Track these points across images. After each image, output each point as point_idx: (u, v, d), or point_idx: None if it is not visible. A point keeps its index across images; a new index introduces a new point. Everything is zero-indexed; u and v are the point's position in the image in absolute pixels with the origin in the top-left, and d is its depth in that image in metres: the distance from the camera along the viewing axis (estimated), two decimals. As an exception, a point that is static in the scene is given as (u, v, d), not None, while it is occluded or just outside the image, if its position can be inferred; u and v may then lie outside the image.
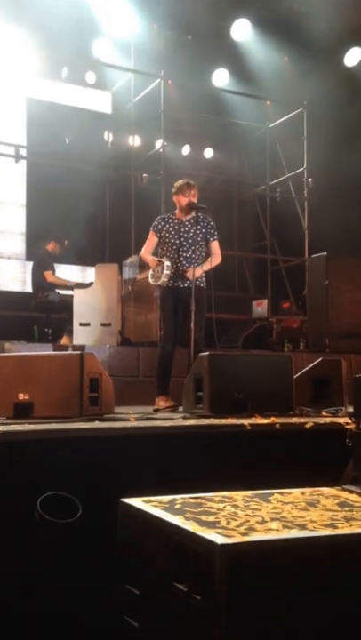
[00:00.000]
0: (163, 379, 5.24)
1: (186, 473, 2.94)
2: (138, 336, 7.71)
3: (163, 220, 5.37)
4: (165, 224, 5.33)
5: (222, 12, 9.04)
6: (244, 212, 12.14)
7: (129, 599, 2.21)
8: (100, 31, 9.14)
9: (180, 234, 5.25)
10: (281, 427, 3.45)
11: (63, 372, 3.84)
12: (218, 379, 4.02)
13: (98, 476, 2.90)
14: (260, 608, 1.78)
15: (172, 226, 5.30)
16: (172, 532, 2.01)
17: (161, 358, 5.32)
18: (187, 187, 5.29)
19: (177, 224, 5.29)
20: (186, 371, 5.06)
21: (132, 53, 9.48)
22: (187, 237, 5.24)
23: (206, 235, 5.27)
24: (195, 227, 5.24)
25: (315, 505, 2.30)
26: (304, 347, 8.41)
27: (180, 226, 5.27)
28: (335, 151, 9.50)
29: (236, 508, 2.22)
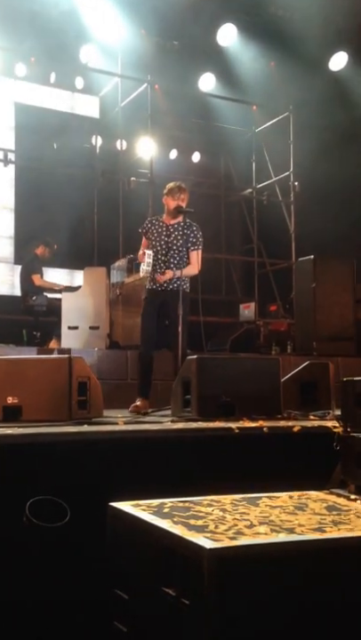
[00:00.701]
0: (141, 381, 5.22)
1: (174, 477, 2.93)
2: (126, 339, 7.68)
3: (150, 223, 5.35)
4: (152, 226, 5.30)
5: (208, 17, 9.05)
6: (231, 216, 12.17)
7: (118, 604, 2.19)
8: (87, 36, 9.13)
9: (162, 237, 5.20)
10: (269, 430, 3.45)
11: (52, 375, 3.83)
12: (206, 382, 4.02)
13: (86, 479, 2.89)
14: (248, 612, 1.77)
15: (157, 229, 5.27)
16: (161, 536, 2.00)
17: (138, 361, 5.31)
18: (177, 190, 5.25)
19: (161, 227, 5.25)
20: (171, 374, 5.07)
21: (119, 58, 9.48)
22: (167, 241, 5.19)
23: (187, 242, 5.19)
24: (176, 232, 5.20)
25: (303, 509, 2.30)
26: (291, 350, 8.43)
27: (164, 229, 5.23)
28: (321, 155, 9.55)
29: (225, 512, 2.21)
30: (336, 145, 9.47)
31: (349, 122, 9.47)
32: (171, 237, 5.20)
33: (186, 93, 10.12)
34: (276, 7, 9.08)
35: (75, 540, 2.69)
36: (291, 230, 10.25)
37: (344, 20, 8.98)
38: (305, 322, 8.12)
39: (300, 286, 8.38)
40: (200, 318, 5.40)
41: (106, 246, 9.74)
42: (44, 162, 9.46)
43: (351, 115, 9.54)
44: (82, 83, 9.99)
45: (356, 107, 9.66)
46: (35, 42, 8.67)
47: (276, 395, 4.11)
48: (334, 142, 9.47)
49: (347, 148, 9.43)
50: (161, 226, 5.26)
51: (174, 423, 3.79)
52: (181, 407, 4.14)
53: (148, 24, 8.97)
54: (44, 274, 8.13)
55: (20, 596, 2.67)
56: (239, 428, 3.42)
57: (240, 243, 12.03)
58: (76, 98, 10.31)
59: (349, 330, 8.01)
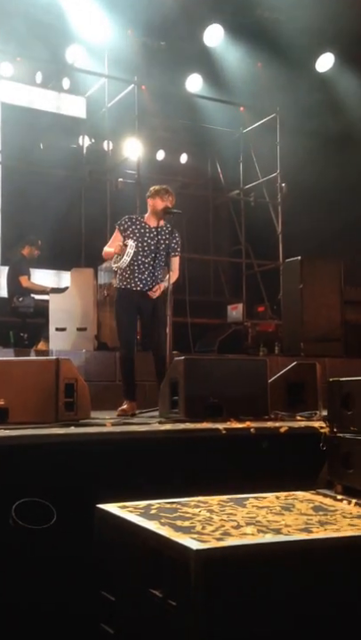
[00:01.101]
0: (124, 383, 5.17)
1: (161, 478, 2.93)
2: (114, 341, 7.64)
3: (130, 220, 5.19)
4: (132, 225, 5.16)
5: (195, 18, 9.08)
6: (219, 217, 12.19)
7: (104, 605, 2.19)
8: (74, 37, 9.13)
9: (145, 238, 5.12)
10: (256, 431, 3.46)
11: (39, 377, 3.82)
12: (193, 383, 4.02)
13: (73, 481, 2.88)
14: (235, 613, 1.78)
15: (138, 229, 5.14)
16: (148, 537, 2.00)
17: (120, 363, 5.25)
18: (165, 192, 5.19)
19: (144, 228, 5.15)
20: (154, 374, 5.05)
21: (105, 59, 9.48)
22: (149, 244, 5.11)
23: (168, 247, 5.13)
24: (160, 236, 5.14)
25: (290, 509, 2.31)
26: (279, 350, 8.45)
27: (146, 231, 5.14)
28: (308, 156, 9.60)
29: (212, 513, 2.21)
30: (323, 146, 9.52)
31: (336, 123, 9.52)
32: (154, 241, 5.14)
33: (173, 94, 10.14)
34: (263, 8, 9.11)
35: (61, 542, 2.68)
36: (278, 231, 10.28)
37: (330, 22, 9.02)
38: (292, 323, 8.15)
39: (288, 287, 8.41)
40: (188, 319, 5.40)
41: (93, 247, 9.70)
42: (30, 162, 9.42)
43: (338, 116, 9.59)
44: (68, 83, 9.98)
45: (342, 108, 9.72)
46: (21, 41, 8.65)
47: (263, 395, 4.13)
48: (321, 143, 9.53)
49: (334, 149, 9.48)
50: (144, 227, 5.16)
51: (162, 424, 3.79)
52: (169, 408, 4.14)
53: (134, 24, 8.98)
54: (32, 275, 8.10)
55: (6, 598, 2.66)
56: (226, 428, 3.43)
57: (228, 244, 12.05)
58: (62, 98, 10.28)
59: (336, 331, 8.06)
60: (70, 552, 2.69)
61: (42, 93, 10.03)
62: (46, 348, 7.11)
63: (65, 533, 2.68)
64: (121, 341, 5.19)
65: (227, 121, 10.78)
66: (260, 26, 9.21)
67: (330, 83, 9.95)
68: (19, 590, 2.68)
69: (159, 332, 5.03)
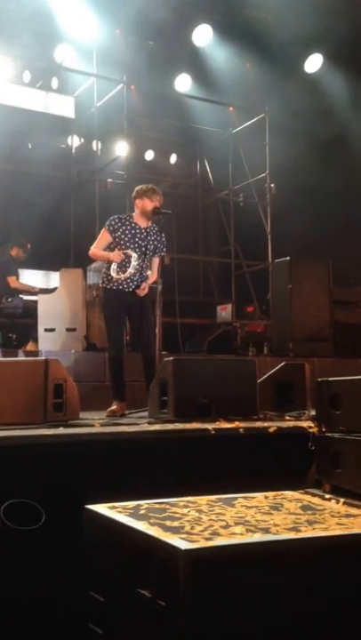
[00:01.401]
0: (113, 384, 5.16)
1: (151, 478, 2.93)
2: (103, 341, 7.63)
3: (120, 221, 5.15)
4: (122, 225, 5.13)
5: (184, 17, 9.08)
6: (208, 218, 12.20)
7: (93, 606, 2.19)
8: (62, 36, 9.10)
9: (135, 240, 5.11)
10: (245, 431, 3.47)
11: (27, 378, 3.81)
12: (183, 383, 4.03)
13: (62, 482, 2.88)
14: (224, 612, 1.79)
15: (129, 230, 5.13)
16: (137, 537, 2.00)
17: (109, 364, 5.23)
18: (152, 191, 5.18)
19: (135, 228, 5.14)
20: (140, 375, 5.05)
21: (94, 58, 9.46)
22: (140, 245, 5.12)
23: (155, 249, 5.17)
24: (150, 236, 5.15)
25: (278, 509, 2.32)
26: (268, 351, 8.47)
27: (137, 232, 5.14)
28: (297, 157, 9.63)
29: (201, 513, 2.22)
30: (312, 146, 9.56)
31: (325, 123, 9.56)
32: (145, 242, 5.15)
33: (162, 94, 10.13)
34: (251, 8, 9.14)
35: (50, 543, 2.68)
36: (267, 232, 10.31)
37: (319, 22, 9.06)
38: (281, 323, 8.18)
39: (277, 288, 8.44)
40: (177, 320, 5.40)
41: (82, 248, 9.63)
42: (18, 162, 9.39)
43: (326, 116, 9.63)
44: (57, 82, 9.95)
45: (331, 108, 9.76)
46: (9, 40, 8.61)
47: (252, 396, 4.14)
48: (310, 144, 9.57)
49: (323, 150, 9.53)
50: (135, 227, 5.15)
51: (151, 425, 3.80)
52: (158, 409, 4.15)
53: (123, 24, 8.97)
54: (20, 275, 8.08)
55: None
56: (215, 429, 3.44)
57: (217, 244, 12.06)
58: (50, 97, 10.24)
59: (325, 331, 8.09)
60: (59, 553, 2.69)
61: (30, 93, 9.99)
62: (35, 349, 7.09)
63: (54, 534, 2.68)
64: (110, 342, 5.18)
65: (216, 121, 10.79)
66: (248, 26, 9.23)
67: (319, 83, 9.99)
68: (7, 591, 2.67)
69: (148, 332, 5.03)
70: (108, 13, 8.71)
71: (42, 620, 2.68)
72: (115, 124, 9.58)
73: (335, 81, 9.87)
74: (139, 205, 5.19)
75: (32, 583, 2.70)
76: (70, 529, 2.39)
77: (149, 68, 9.35)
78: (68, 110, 10.42)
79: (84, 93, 10.07)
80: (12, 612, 2.65)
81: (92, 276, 8.33)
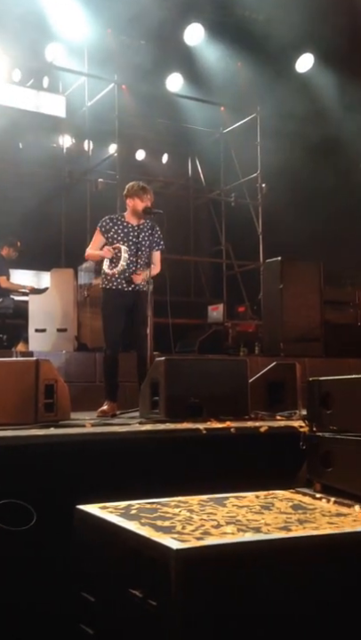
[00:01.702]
0: (106, 383, 5.18)
1: (142, 479, 2.94)
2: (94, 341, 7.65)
3: (111, 221, 5.19)
4: (114, 225, 5.17)
5: (176, 16, 9.08)
6: (199, 218, 12.22)
7: (84, 606, 2.19)
8: (53, 35, 9.09)
9: (128, 238, 5.14)
10: (236, 431, 3.48)
11: (18, 378, 3.81)
12: (174, 383, 4.03)
13: (53, 482, 2.88)
14: (215, 612, 1.79)
15: (122, 229, 5.16)
16: (128, 537, 2.00)
17: (103, 364, 5.24)
18: (142, 191, 5.19)
19: (127, 227, 5.17)
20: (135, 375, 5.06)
21: (85, 57, 9.46)
22: (135, 242, 5.15)
23: (152, 243, 5.18)
24: (143, 233, 5.17)
25: (269, 508, 2.33)
26: (259, 351, 8.50)
27: (130, 230, 5.17)
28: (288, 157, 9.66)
29: (192, 513, 2.23)
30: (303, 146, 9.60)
31: (316, 123, 9.59)
32: (139, 238, 5.17)
33: (154, 94, 10.14)
34: (243, 8, 9.16)
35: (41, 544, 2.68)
36: (258, 232, 10.33)
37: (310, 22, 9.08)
38: (272, 323, 8.20)
39: (268, 288, 8.46)
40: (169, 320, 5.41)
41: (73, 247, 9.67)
42: (8, 162, 9.37)
43: (317, 116, 9.67)
44: (47, 81, 9.94)
45: (322, 108, 9.79)
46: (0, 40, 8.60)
47: (243, 395, 4.15)
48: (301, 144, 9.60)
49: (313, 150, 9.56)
50: (126, 226, 5.18)
51: (142, 425, 3.80)
52: (149, 409, 4.15)
53: (114, 23, 8.97)
54: (11, 275, 8.06)
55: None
56: (207, 428, 3.45)
57: (208, 244, 12.09)
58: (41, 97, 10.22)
59: (316, 331, 8.12)
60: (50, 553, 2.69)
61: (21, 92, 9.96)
62: (26, 350, 7.08)
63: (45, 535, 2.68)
64: (107, 341, 5.20)
65: (207, 121, 10.82)
66: (240, 26, 9.26)
67: (310, 84, 10.03)
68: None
69: (142, 332, 5.04)
70: (100, 12, 8.72)
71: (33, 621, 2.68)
72: (106, 124, 9.58)
73: (326, 81, 9.91)
74: (130, 204, 5.21)
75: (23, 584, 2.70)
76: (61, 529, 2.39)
77: (141, 68, 9.35)
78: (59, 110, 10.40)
79: (76, 93, 10.07)
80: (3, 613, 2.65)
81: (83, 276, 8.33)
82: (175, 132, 11.18)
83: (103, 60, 9.36)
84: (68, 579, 2.32)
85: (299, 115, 9.63)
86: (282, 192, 9.88)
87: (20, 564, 2.70)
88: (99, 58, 9.35)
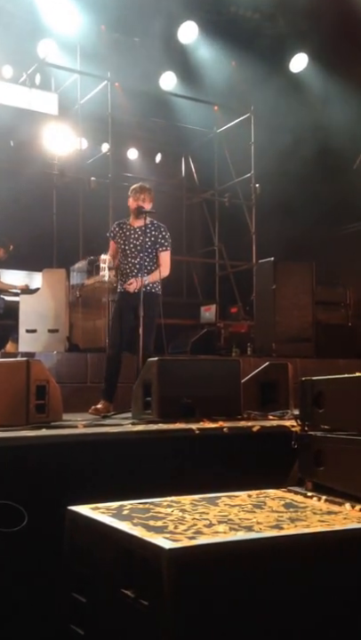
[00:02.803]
0: (105, 382, 5.23)
1: (134, 479, 2.95)
2: (86, 342, 7.67)
3: (117, 226, 5.38)
4: (120, 230, 5.34)
5: (170, 14, 9.08)
6: (192, 218, 12.23)
7: (75, 607, 2.20)
8: (45, 31, 9.07)
9: (130, 240, 5.22)
10: (229, 430, 3.51)
11: (9, 379, 3.81)
12: (167, 384, 4.06)
13: (45, 483, 2.89)
14: (207, 611, 1.81)
15: (124, 232, 5.30)
16: (120, 538, 2.02)
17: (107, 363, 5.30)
18: (138, 190, 5.27)
19: (129, 230, 5.29)
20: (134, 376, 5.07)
21: (78, 54, 9.45)
22: (135, 244, 5.21)
23: (155, 243, 5.25)
24: (144, 234, 5.22)
25: (261, 507, 2.35)
26: (251, 351, 8.52)
27: (130, 232, 5.26)
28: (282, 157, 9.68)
29: (184, 513, 2.24)
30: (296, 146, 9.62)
31: (309, 123, 9.63)
32: (138, 241, 5.22)
33: (147, 92, 10.13)
34: (238, 6, 9.18)
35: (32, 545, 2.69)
36: (252, 232, 10.35)
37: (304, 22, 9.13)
38: (265, 323, 8.23)
39: (261, 288, 8.49)
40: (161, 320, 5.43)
41: (65, 247, 9.69)
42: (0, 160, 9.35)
43: (311, 116, 9.70)
44: (39, 78, 9.92)
45: (315, 108, 9.83)
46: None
47: (236, 396, 4.18)
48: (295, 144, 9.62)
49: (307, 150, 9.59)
50: (128, 229, 5.29)
51: (135, 425, 3.82)
52: (142, 409, 4.17)
53: (107, 20, 8.96)
54: (1, 275, 8.05)
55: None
56: (200, 428, 3.47)
57: (201, 244, 12.10)
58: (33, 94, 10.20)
59: (308, 331, 8.16)
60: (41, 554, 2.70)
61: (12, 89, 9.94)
62: (15, 350, 7.07)
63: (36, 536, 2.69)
64: (110, 341, 5.33)
65: (201, 120, 10.82)
66: (234, 24, 9.27)
67: (303, 83, 10.06)
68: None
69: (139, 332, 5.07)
70: (93, 9, 8.70)
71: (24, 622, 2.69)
72: (99, 122, 9.57)
73: (320, 80, 9.94)
74: (129, 205, 5.33)
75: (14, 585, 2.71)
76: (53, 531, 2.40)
77: (134, 66, 9.35)
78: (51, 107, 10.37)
79: (68, 90, 10.04)
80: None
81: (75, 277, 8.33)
82: (169, 131, 11.18)
83: (96, 57, 9.34)
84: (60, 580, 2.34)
85: (293, 115, 9.66)
86: (275, 193, 9.90)
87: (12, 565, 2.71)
88: (92, 55, 9.33)
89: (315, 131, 9.58)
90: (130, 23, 9.04)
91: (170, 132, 11.20)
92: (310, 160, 9.54)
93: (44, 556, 2.68)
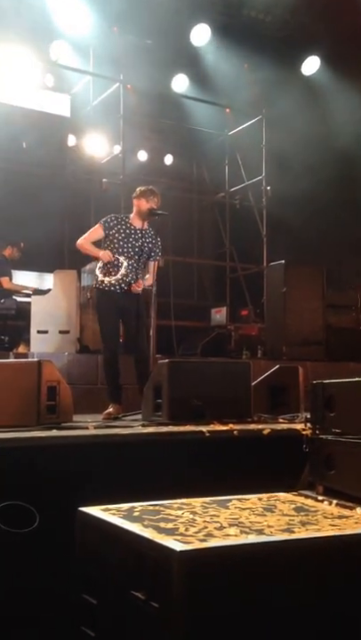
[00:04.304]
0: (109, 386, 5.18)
1: (145, 481, 2.96)
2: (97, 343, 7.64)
3: (116, 219, 5.22)
4: (118, 224, 5.19)
5: (182, 16, 9.09)
6: (203, 220, 12.23)
7: (85, 609, 2.21)
8: (58, 33, 9.11)
9: (131, 240, 5.17)
10: (239, 433, 3.51)
11: (20, 379, 3.82)
12: (177, 386, 4.06)
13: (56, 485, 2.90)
14: (218, 614, 1.81)
15: (124, 229, 5.18)
16: (130, 539, 2.02)
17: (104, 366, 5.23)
18: (150, 193, 5.24)
19: (130, 228, 5.20)
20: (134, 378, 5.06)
21: (90, 56, 9.48)
22: (134, 245, 5.16)
23: (150, 251, 5.21)
24: (145, 238, 5.18)
25: (272, 510, 2.35)
26: (262, 354, 8.52)
27: (132, 232, 5.19)
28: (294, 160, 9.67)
29: (195, 515, 2.25)
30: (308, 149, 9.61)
31: (321, 126, 9.61)
32: (139, 242, 5.18)
33: (159, 94, 10.15)
34: (250, 9, 9.19)
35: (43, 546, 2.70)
36: (263, 235, 10.34)
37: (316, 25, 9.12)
38: (275, 326, 8.23)
39: (271, 291, 8.49)
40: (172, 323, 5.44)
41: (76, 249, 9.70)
42: (12, 162, 9.38)
43: (323, 118, 9.69)
44: (52, 80, 9.95)
45: (327, 111, 9.81)
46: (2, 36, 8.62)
47: (246, 398, 4.18)
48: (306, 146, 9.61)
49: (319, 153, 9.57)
50: (129, 227, 5.20)
51: (145, 427, 3.82)
52: (152, 411, 4.18)
53: (120, 22, 8.99)
54: (13, 276, 8.09)
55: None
56: (210, 431, 3.47)
57: (212, 247, 12.10)
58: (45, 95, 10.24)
59: (319, 334, 8.15)
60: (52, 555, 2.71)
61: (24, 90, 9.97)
62: (26, 351, 7.09)
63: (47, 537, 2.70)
64: (105, 344, 5.19)
65: (212, 122, 10.83)
66: (247, 27, 9.28)
67: (315, 85, 10.05)
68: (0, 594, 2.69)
69: (142, 334, 5.06)
70: (106, 10, 8.73)
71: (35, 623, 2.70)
72: (111, 124, 9.59)
73: (333, 83, 9.93)
74: (136, 205, 5.26)
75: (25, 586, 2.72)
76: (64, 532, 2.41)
77: (146, 68, 9.36)
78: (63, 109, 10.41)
79: (80, 92, 10.09)
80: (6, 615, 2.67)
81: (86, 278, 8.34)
82: (180, 133, 11.19)
83: (109, 59, 9.37)
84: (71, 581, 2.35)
85: (304, 117, 9.65)
86: (286, 195, 9.89)
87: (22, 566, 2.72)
88: (104, 57, 9.36)
89: (327, 133, 9.56)
90: (142, 25, 9.05)
91: (181, 134, 11.21)
92: (322, 163, 9.52)
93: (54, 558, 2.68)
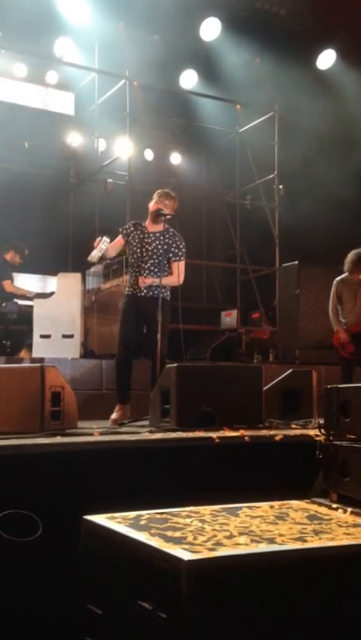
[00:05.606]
0: (117, 387, 5.29)
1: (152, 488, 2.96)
2: (101, 348, 7.70)
3: (133, 226, 5.44)
4: (134, 230, 5.39)
5: (191, 10, 9.09)
6: (213, 220, 12.23)
7: (90, 619, 2.21)
8: (62, 29, 9.14)
9: (143, 244, 5.28)
10: (250, 439, 3.50)
11: (23, 385, 3.84)
12: (185, 391, 4.06)
13: (60, 492, 2.91)
14: (227, 625, 1.81)
15: (138, 234, 5.35)
16: (137, 548, 2.02)
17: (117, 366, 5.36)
18: (161, 195, 5.37)
19: (143, 233, 5.34)
20: (148, 383, 5.10)
21: (95, 53, 9.51)
22: (148, 249, 5.27)
23: (168, 252, 5.30)
24: (158, 241, 5.30)
25: (284, 518, 2.35)
26: (274, 358, 8.51)
27: (145, 236, 5.32)
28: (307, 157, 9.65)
29: (204, 523, 2.25)
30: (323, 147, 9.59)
31: (336, 122, 9.59)
32: (152, 246, 5.28)
33: (166, 91, 10.17)
34: (263, 2, 9.18)
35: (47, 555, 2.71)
36: (275, 235, 10.33)
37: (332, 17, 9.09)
38: (288, 329, 8.22)
39: (284, 293, 8.48)
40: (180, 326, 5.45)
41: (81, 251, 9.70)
42: (14, 162, 9.43)
43: (338, 115, 9.67)
44: (56, 78, 10.00)
45: (343, 106, 9.79)
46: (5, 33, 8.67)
47: (258, 403, 4.18)
48: (320, 144, 9.59)
49: (333, 150, 9.56)
50: (143, 232, 5.35)
51: (152, 434, 3.82)
52: (160, 417, 4.18)
53: (126, 16, 9.01)
54: (15, 279, 8.11)
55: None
56: (220, 437, 3.47)
57: (222, 248, 12.10)
58: (49, 93, 10.29)
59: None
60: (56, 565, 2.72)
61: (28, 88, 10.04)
62: (28, 357, 7.11)
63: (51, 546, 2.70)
64: (120, 343, 5.33)
65: (222, 119, 10.83)
66: (259, 20, 9.27)
67: (331, 80, 10.02)
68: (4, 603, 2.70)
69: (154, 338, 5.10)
70: (111, 5, 8.74)
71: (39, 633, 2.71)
72: (116, 122, 9.62)
73: (349, 78, 9.90)
74: (148, 207, 5.35)
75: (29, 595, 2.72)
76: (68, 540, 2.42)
77: (153, 64, 9.37)
78: (67, 107, 10.47)
79: (85, 89, 10.12)
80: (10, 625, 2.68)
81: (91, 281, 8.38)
82: (189, 131, 11.21)
83: (114, 55, 9.39)
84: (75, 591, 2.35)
85: (319, 114, 9.63)
86: (300, 194, 9.88)
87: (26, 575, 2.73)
88: (109, 53, 9.38)
89: (342, 130, 9.54)
90: (149, 20, 9.07)
91: (190, 131, 11.23)
92: (336, 161, 9.50)
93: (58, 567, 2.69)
